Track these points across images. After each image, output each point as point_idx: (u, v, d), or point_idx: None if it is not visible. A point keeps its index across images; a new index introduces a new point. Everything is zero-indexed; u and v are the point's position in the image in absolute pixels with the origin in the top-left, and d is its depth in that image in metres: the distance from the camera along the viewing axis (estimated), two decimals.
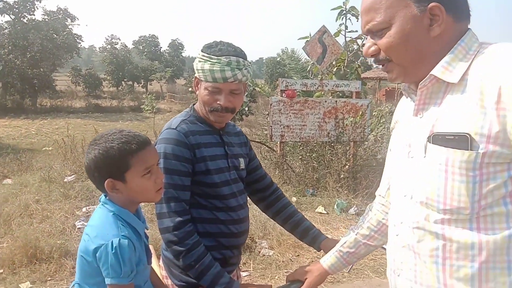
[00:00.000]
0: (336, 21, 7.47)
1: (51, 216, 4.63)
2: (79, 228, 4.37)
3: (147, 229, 1.41)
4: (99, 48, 41.70)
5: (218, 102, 1.62)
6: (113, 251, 1.18)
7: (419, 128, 1.06)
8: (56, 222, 4.46)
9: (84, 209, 4.82)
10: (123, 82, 38.27)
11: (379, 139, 7.22)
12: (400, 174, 1.13)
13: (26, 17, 26.59)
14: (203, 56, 1.62)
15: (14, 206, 4.78)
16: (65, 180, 5.66)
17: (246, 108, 14.28)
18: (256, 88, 12.17)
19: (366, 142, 7.00)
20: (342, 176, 6.25)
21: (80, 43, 30.93)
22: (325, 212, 5.51)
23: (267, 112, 9.01)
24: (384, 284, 3.84)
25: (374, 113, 8.47)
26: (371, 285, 3.78)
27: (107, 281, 1.20)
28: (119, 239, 1.20)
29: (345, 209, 5.52)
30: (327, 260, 1.54)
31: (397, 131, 1.23)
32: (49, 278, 3.53)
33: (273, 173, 6.62)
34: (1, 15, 25.84)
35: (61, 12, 28.45)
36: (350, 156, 6.62)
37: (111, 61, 37.23)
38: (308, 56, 7.20)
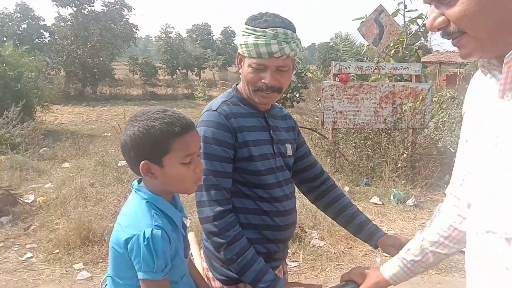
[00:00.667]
0: (394, 0, 7.00)
1: (104, 199, 4.74)
2: None
3: (186, 218, 1.29)
4: (155, 37, 42.87)
5: (263, 80, 1.46)
6: (145, 243, 1.07)
7: (509, 113, 0.84)
8: (109, 205, 4.57)
9: None
10: (177, 70, 39.16)
11: (440, 126, 6.73)
12: (485, 171, 0.90)
13: (87, 8, 27.81)
14: (247, 29, 1.46)
15: (70, 189, 4.95)
16: (119, 164, 5.79)
17: (297, 95, 14.03)
18: (307, 73, 11.86)
19: (426, 129, 6.55)
20: (399, 165, 5.88)
21: (136, 32, 31.93)
22: (380, 203, 5.22)
23: (318, 98, 8.73)
24: (445, 281, 3.54)
25: (434, 99, 7.93)
26: (431, 282, 3.50)
27: (140, 275, 1.09)
28: (152, 230, 1.08)
29: (402, 200, 5.19)
30: (388, 268, 1.31)
31: (474, 117, 1.00)
32: (101, 260, 3.59)
33: (325, 161, 6.39)
34: (64, 8, 27.19)
35: (118, 2, 29.41)
36: (409, 144, 6.21)
37: (166, 50, 38.15)
38: (364, 38, 6.81)
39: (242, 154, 1.47)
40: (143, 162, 1.13)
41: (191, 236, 1.81)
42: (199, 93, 17.00)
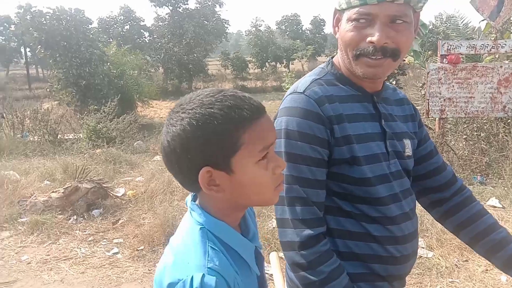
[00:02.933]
0: None
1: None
2: None
3: (260, 249, 0.91)
4: (245, 31, 43.48)
5: (368, 39, 1.00)
6: None
7: None
8: None
9: None
10: (266, 63, 39.28)
11: None
12: None
13: (181, 7, 29.00)
14: None
15: (158, 183, 4.91)
16: None
17: (394, 82, 12.96)
18: (405, 59, 10.83)
19: None
20: None
21: (227, 27, 32.58)
22: (500, 206, 4.36)
23: (420, 84, 7.81)
24: None
25: None
26: None
27: None
28: (203, 276, 0.71)
29: None
30: None
31: None
32: None
33: None
34: (161, 7, 28.69)
35: None
36: None
37: (255, 43, 38.45)
38: (478, 12, 5.81)
39: (341, 154, 1.04)
40: (203, 170, 0.75)
41: (273, 257, 1.43)
42: (287, 84, 16.68)
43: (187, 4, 29.26)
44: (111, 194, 4.66)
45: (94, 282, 3.14)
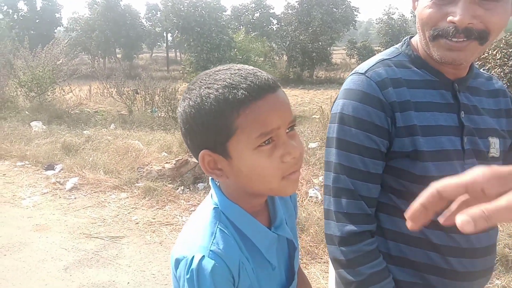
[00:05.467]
0: None
1: None
2: (311, 196, 4.17)
3: (291, 239, 0.84)
4: (376, 19, 41.54)
5: (449, 17, 0.84)
6: (188, 276, 0.68)
7: None
8: None
9: (320, 178, 4.60)
10: None
11: None
12: None
13: None
14: None
15: None
16: (309, 146, 5.60)
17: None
18: None
19: None
20: None
21: (357, 15, 31.50)
22: None
23: None
24: None
25: None
26: None
27: None
28: (203, 257, 0.68)
29: None
30: None
31: None
32: None
33: None
34: None
35: None
36: None
37: (386, 32, 36.56)
38: None
39: (402, 147, 0.91)
40: (201, 153, 0.71)
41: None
42: None
43: None
44: None
45: None
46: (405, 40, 1.03)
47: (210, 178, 0.81)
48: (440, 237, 0.90)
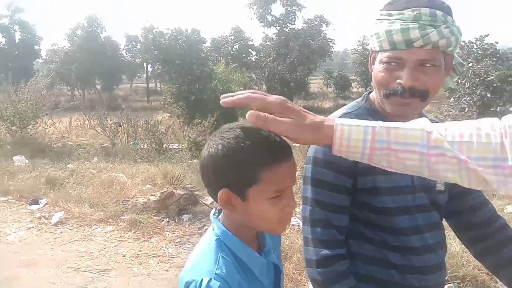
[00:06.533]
0: None
1: None
2: (293, 225, 4.33)
3: (277, 264, 1.03)
4: (351, 50, 42.97)
5: (398, 80, 1.07)
6: None
7: None
8: None
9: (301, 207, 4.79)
10: (371, 82, 38.37)
11: None
12: None
13: (288, 27, 29.85)
14: (381, 15, 1.10)
15: None
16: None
17: (511, 108, 11.75)
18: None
19: None
20: None
21: (332, 46, 32.56)
22: None
23: None
24: None
25: None
26: None
27: None
28: (210, 280, 0.86)
29: None
30: (346, 124, 0.82)
31: None
32: None
33: None
34: (269, 27, 29.86)
35: (318, 19, 30.57)
36: None
37: (361, 62, 37.80)
38: None
39: (364, 183, 1.12)
40: (222, 190, 0.89)
41: None
42: None
43: (294, 24, 30.02)
44: (201, 202, 5.06)
45: (175, 281, 3.47)
46: (364, 95, 1.26)
47: (211, 213, 1.01)
48: (397, 258, 1.11)
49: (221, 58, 26.97)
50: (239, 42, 32.44)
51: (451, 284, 3.35)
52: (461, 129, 0.76)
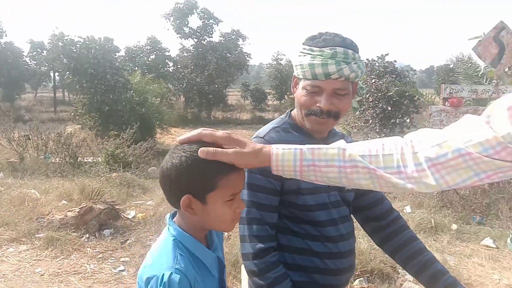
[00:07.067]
0: None
1: None
2: None
3: (222, 258, 1.19)
4: (266, 64, 44.49)
5: (317, 104, 1.31)
6: (161, 287, 0.99)
7: None
8: None
9: None
10: (285, 95, 39.98)
11: None
12: None
13: (206, 39, 30.10)
14: (304, 49, 1.34)
15: (167, 207, 5.20)
16: None
17: (408, 120, 13.16)
18: (420, 97, 11.08)
19: None
20: None
21: (249, 60, 33.47)
22: (494, 246, 4.49)
23: (428, 124, 8.04)
24: None
25: None
26: None
27: None
28: (171, 274, 0.99)
29: None
30: (281, 148, 1.05)
31: None
32: None
33: (431, 195, 5.77)
34: (187, 39, 29.84)
35: (234, 33, 31.28)
36: None
37: (275, 76, 39.29)
38: (480, 58, 6.10)
39: (289, 186, 1.33)
40: (185, 196, 1.04)
41: (243, 269, 1.70)
42: None
43: (211, 37, 30.34)
44: (122, 216, 4.98)
45: None
46: (287, 112, 1.49)
47: (167, 216, 1.15)
48: (318, 246, 1.33)
49: (137, 68, 26.29)
50: (155, 52, 31.86)
51: (361, 278, 3.74)
52: (369, 146, 0.99)
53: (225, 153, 0.99)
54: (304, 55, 1.32)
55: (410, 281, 3.62)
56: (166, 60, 32.11)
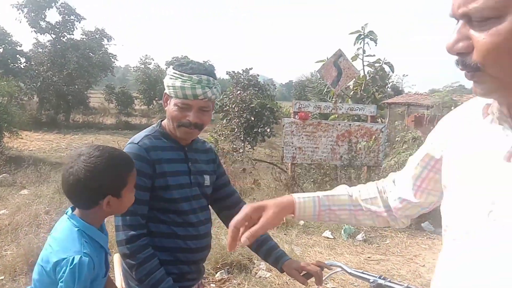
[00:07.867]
0: (354, 45, 7.50)
1: None
2: None
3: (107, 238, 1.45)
4: (133, 67, 43.12)
5: (187, 118, 1.65)
6: (71, 267, 1.22)
7: None
8: None
9: None
10: (154, 101, 39.24)
11: (394, 164, 7.06)
12: (473, 237, 0.78)
13: (66, 36, 27.89)
14: (175, 73, 1.66)
15: (24, 216, 4.94)
16: None
17: (268, 130, 14.37)
18: (278, 110, 12.26)
19: (380, 167, 6.87)
20: None
21: (114, 62, 32.06)
22: (332, 237, 5.41)
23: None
24: None
25: (397, 139, 8.36)
26: None
27: None
28: (81, 257, 1.25)
29: (353, 235, 5.40)
30: (302, 196, 1.20)
31: (461, 166, 0.85)
32: None
33: (283, 194, 6.57)
34: (43, 35, 27.25)
35: (98, 32, 29.67)
36: (363, 181, 6.50)
37: (143, 80, 38.30)
38: (323, 79, 7.22)
39: (159, 183, 1.64)
40: (107, 197, 1.32)
41: (115, 258, 1.94)
42: None
43: (72, 34, 28.24)
44: None
45: None
46: (159, 122, 1.80)
47: (67, 211, 1.38)
48: (182, 231, 1.67)
49: None
50: (4, 45, 28.30)
51: (222, 270, 4.18)
52: (368, 190, 1.23)
53: (261, 227, 1.12)
54: (176, 79, 1.66)
55: (263, 269, 4.19)
56: (18, 55, 28.79)
